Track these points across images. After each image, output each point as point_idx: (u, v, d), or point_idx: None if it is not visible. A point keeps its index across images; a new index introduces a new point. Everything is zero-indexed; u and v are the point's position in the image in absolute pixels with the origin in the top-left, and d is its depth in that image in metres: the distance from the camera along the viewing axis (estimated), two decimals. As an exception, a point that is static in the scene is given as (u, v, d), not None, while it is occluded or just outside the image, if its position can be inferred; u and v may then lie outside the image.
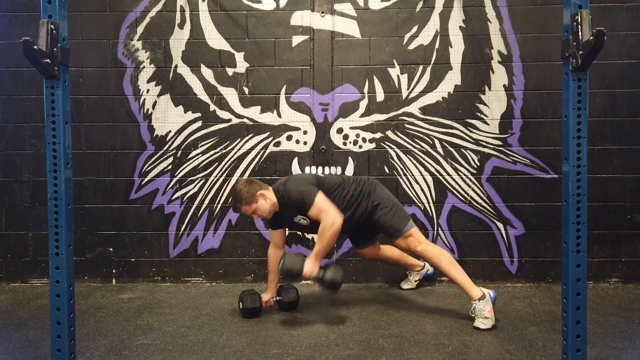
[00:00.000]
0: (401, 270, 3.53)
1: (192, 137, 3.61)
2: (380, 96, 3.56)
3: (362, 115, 3.57)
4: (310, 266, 2.72)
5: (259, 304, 2.91)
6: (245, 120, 3.60)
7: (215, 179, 3.62)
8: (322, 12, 3.56)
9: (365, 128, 3.57)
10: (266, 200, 2.83)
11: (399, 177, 3.57)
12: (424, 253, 2.88)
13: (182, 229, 3.64)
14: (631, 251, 3.53)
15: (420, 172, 3.57)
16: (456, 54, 3.54)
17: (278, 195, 2.85)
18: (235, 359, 2.38)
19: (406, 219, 2.95)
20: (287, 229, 3.12)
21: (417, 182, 3.57)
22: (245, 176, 3.60)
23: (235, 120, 3.60)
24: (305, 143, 3.59)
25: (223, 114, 3.60)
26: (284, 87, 3.59)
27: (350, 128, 3.57)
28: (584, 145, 1.81)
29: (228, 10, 3.58)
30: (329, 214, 2.74)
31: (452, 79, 3.55)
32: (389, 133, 3.57)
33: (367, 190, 2.95)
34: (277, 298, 3.01)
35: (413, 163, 3.57)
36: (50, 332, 1.90)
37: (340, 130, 3.58)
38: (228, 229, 3.62)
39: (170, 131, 3.62)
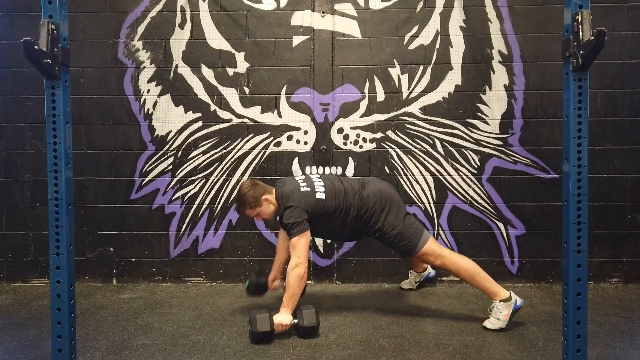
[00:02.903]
0: (402, 270, 3.53)
1: (193, 137, 3.61)
2: (380, 96, 3.56)
3: (362, 115, 3.57)
4: (280, 318, 2.59)
5: (265, 281, 2.99)
6: (245, 120, 3.60)
7: (216, 179, 3.62)
8: (323, 12, 3.56)
9: (365, 128, 3.57)
10: (269, 205, 2.83)
11: (399, 177, 3.57)
12: (443, 267, 2.82)
13: (183, 229, 3.64)
14: (632, 251, 3.53)
15: (420, 172, 3.56)
16: (457, 54, 3.54)
17: (278, 202, 2.82)
18: (235, 359, 2.38)
19: (414, 242, 2.78)
20: None
21: (417, 182, 3.57)
22: (246, 177, 3.60)
23: (235, 120, 3.60)
24: (305, 143, 3.59)
25: (223, 114, 3.60)
26: (285, 87, 3.59)
27: (351, 128, 3.57)
28: (585, 145, 1.81)
29: (228, 11, 3.58)
30: (296, 257, 2.65)
31: (453, 79, 3.55)
32: (390, 133, 3.57)
33: (367, 219, 2.81)
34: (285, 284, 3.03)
35: (413, 163, 3.57)
36: (50, 332, 1.90)
37: (340, 130, 3.58)
38: (228, 229, 3.63)
39: (170, 131, 3.62)
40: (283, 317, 2.61)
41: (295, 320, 2.62)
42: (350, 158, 3.58)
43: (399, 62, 3.56)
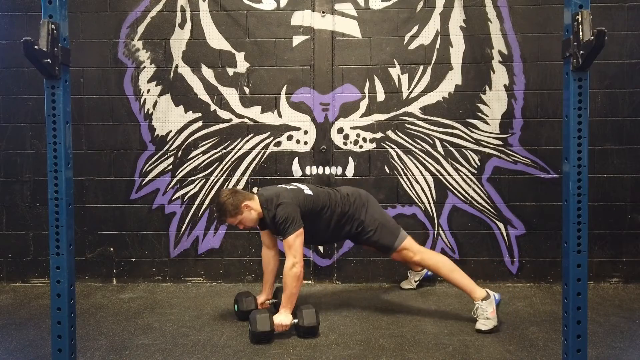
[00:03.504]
0: (402, 270, 3.53)
1: (193, 137, 3.61)
2: (380, 96, 3.56)
3: (362, 115, 3.57)
4: (280, 318, 2.60)
5: (254, 307, 2.86)
6: (245, 120, 3.60)
7: (216, 179, 3.62)
8: (323, 12, 3.56)
9: (365, 128, 3.57)
10: (251, 211, 2.76)
11: (399, 177, 3.57)
12: (422, 262, 2.87)
13: (183, 229, 3.64)
14: (632, 251, 3.53)
15: (420, 172, 3.56)
16: (457, 54, 3.54)
17: (263, 207, 2.77)
18: (235, 359, 2.38)
19: (394, 235, 2.86)
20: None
21: (417, 182, 3.57)
22: (246, 176, 3.60)
23: (235, 120, 3.60)
24: (305, 143, 3.59)
25: (223, 114, 3.60)
26: (285, 87, 3.59)
27: (351, 128, 3.57)
28: (585, 145, 1.81)
29: (228, 10, 3.58)
30: (292, 255, 2.64)
31: (453, 79, 3.55)
32: (390, 133, 3.57)
33: (352, 214, 2.85)
34: (274, 301, 3.01)
35: (414, 163, 3.57)
36: (50, 332, 1.91)
37: (340, 130, 3.58)
38: (228, 228, 3.62)
39: (170, 131, 3.62)
40: (283, 317, 2.61)
41: (295, 320, 2.62)
42: (350, 158, 3.58)
43: (399, 62, 3.56)
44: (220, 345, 2.53)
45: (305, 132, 3.58)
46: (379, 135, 3.57)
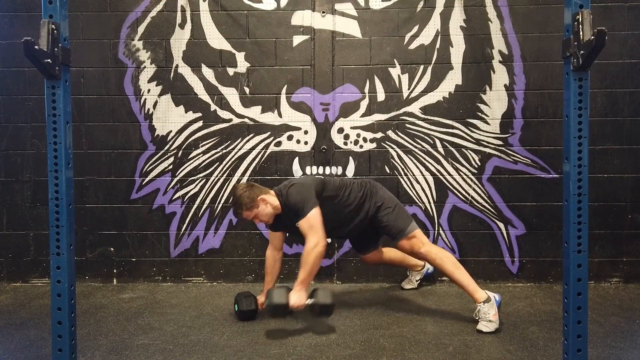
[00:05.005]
0: (402, 270, 3.53)
1: (193, 137, 3.61)
2: (381, 96, 3.56)
3: (362, 115, 3.57)
4: (296, 297, 2.63)
5: (255, 307, 2.87)
6: (246, 120, 3.60)
7: (216, 178, 3.62)
8: (323, 12, 3.56)
9: (366, 128, 3.57)
10: (267, 205, 2.79)
11: (399, 176, 3.57)
12: (428, 255, 2.85)
13: (183, 229, 3.64)
14: (632, 251, 3.53)
15: (421, 171, 3.56)
16: (457, 54, 3.54)
17: (280, 199, 2.81)
18: (236, 359, 2.38)
19: (409, 219, 2.93)
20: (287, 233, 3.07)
21: (417, 182, 3.57)
22: (246, 176, 3.60)
23: (236, 120, 3.60)
24: (306, 143, 3.59)
25: (224, 114, 3.60)
26: (285, 87, 3.59)
27: (351, 128, 3.57)
28: (585, 145, 1.81)
29: (229, 10, 3.58)
30: (315, 234, 2.66)
31: (453, 79, 3.55)
32: (390, 133, 3.57)
33: (370, 192, 2.93)
34: None
35: (414, 163, 3.56)
36: (51, 332, 1.91)
37: (341, 130, 3.58)
38: (229, 228, 3.62)
39: (171, 131, 3.62)
40: (298, 297, 2.64)
41: (310, 300, 2.65)
42: (350, 158, 3.58)
43: (399, 62, 3.56)
44: (221, 345, 2.53)
45: (306, 132, 3.58)
46: (379, 135, 3.57)
